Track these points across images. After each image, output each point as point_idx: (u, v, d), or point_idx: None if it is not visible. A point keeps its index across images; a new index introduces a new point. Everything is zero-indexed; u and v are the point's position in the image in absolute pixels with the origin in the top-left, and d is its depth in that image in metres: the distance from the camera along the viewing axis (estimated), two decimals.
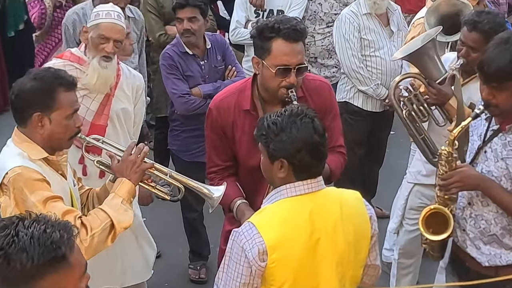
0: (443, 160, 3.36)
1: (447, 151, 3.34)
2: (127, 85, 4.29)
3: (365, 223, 2.86)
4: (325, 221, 2.76)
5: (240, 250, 2.71)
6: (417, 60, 4.12)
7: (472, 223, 3.40)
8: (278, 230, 2.72)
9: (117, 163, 3.30)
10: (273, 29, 3.35)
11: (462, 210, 3.44)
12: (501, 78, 3.10)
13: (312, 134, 2.77)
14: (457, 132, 3.32)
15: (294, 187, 2.78)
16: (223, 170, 3.65)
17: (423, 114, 4.13)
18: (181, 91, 5.06)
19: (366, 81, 5.58)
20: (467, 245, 3.42)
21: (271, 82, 3.41)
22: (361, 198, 2.90)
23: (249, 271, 2.70)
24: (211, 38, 5.23)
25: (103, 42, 4.07)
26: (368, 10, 5.54)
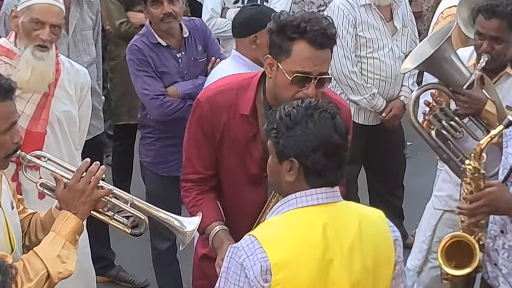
0: (468, 178, 3.42)
1: (473, 166, 3.39)
2: (69, 82, 4.27)
3: (388, 247, 2.88)
4: (341, 240, 2.78)
5: (239, 269, 2.73)
6: (435, 68, 4.13)
7: (505, 255, 3.44)
8: (286, 246, 2.74)
9: (63, 188, 3.24)
10: (298, 29, 3.32)
11: (494, 240, 3.48)
12: None
13: (332, 132, 2.79)
14: (485, 142, 3.37)
15: (306, 196, 2.80)
16: (203, 181, 3.63)
17: (456, 130, 4.07)
18: (154, 92, 5.04)
19: (359, 90, 5.54)
20: (500, 282, 3.47)
21: (285, 91, 3.38)
22: (384, 217, 2.93)
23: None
24: (188, 25, 5.25)
25: (37, 28, 4.03)
26: (368, 1, 5.50)
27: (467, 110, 4.05)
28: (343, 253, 2.77)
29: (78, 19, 5.42)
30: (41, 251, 3.10)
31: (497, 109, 4.02)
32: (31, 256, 3.09)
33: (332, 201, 2.81)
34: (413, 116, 4.09)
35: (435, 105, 4.09)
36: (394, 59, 5.56)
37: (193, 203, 3.61)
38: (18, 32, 4.12)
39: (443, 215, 4.46)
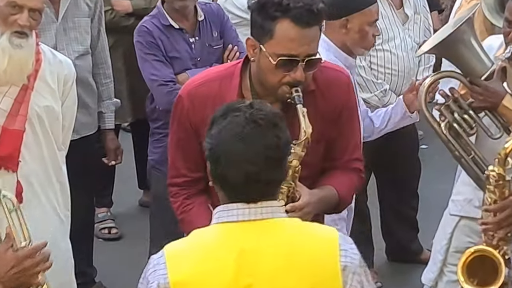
0: (491, 185, 3.39)
1: (497, 172, 3.37)
2: (51, 74, 4.16)
3: (332, 275, 2.73)
4: (261, 264, 2.69)
5: (146, 282, 2.73)
6: (451, 52, 4.07)
7: None
8: (192, 265, 2.70)
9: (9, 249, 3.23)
10: (280, 6, 3.31)
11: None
12: None
13: (235, 141, 2.71)
14: (510, 146, 3.36)
15: (227, 210, 2.74)
16: (190, 184, 3.60)
17: (469, 125, 4.00)
18: (163, 78, 5.06)
19: (369, 86, 5.52)
20: None
21: (270, 76, 3.40)
22: (335, 239, 2.76)
23: None
24: (204, 8, 5.26)
25: (14, 12, 3.93)
26: None
27: (481, 103, 3.95)
28: (263, 278, 2.69)
29: (70, 4, 5.33)
30: None
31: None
32: None
33: (257, 218, 2.72)
34: (424, 105, 4.03)
35: (450, 95, 4.02)
36: (406, 50, 5.52)
37: (182, 209, 3.62)
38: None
39: (460, 221, 4.34)
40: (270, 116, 2.76)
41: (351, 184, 3.65)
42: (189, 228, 3.35)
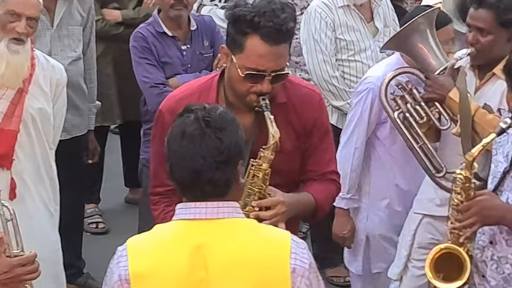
0: (458, 187, 3.33)
1: (464, 175, 3.31)
2: (44, 78, 4.14)
3: (279, 278, 2.71)
4: (215, 259, 2.68)
5: (109, 273, 2.73)
6: (405, 46, 4.11)
7: (493, 267, 3.39)
8: (150, 258, 2.69)
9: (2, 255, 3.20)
10: (252, 23, 3.29)
11: (482, 251, 3.42)
12: None
13: (179, 140, 2.72)
14: (476, 151, 3.28)
15: (185, 208, 2.74)
16: (171, 193, 3.47)
17: (420, 115, 4.07)
18: (155, 80, 5.04)
19: (341, 95, 5.44)
20: None
21: (239, 85, 3.39)
22: (286, 242, 2.75)
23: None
24: (197, 19, 5.26)
25: (12, 20, 3.92)
26: (346, 2, 5.37)
27: (430, 95, 4.07)
28: (216, 273, 2.68)
29: (65, 13, 5.30)
30: None
31: (460, 98, 3.96)
32: None
33: (213, 217, 2.72)
34: (383, 97, 4.12)
35: (407, 88, 4.11)
36: (377, 61, 5.39)
37: (163, 215, 3.55)
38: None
39: (423, 219, 4.38)
40: (217, 119, 2.75)
41: (328, 192, 3.62)
42: None
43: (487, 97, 4.04)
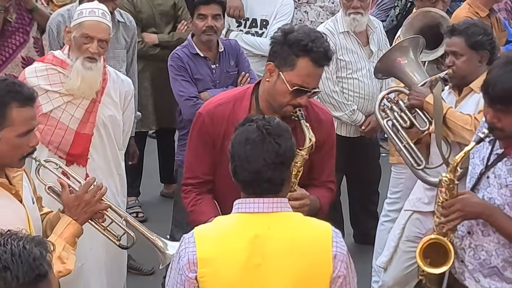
0: (443, 188, 3.34)
1: (448, 178, 3.32)
2: (114, 90, 4.25)
3: (324, 261, 2.75)
4: (270, 248, 2.70)
5: (177, 257, 2.74)
6: (391, 68, 4.21)
7: (471, 254, 3.38)
8: (214, 244, 2.72)
9: (69, 194, 3.20)
10: (306, 47, 3.32)
11: (461, 240, 3.41)
12: (508, 100, 3.09)
13: (244, 145, 2.74)
14: (459, 158, 3.30)
15: (245, 203, 2.76)
16: (202, 185, 3.59)
17: (404, 120, 4.17)
18: (189, 94, 5.05)
19: (340, 106, 5.49)
20: (466, 277, 3.40)
21: (282, 97, 3.40)
22: (329, 233, 2.79)
23: (181, 279, 2.71)
24: (224, 42, 5.27)
25: (86, 42, 4.03)
26: (346, 28, 5.47)
27: (411, 101, 4.16)
28: (270, 260, 2.69)
29: (112, 39, 5.29)
30: None
31: (434, 101, 4.07)
32: None
33: (268, 211, 2.74)
34: (378, 112, 4.18)
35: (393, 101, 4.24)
36: (371, 79, 5.52)
37: (193, 202, 3.59)
38: (71, 45, 4.09)
39: (412, 215, 4.43)
40: (275, 127, 2.79)
41: (328, 197, 3.68)
42: (198, 217, 3.42)
43: (466, 109, 4.13)
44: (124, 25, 5.49)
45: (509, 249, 3.29)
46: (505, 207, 3.25)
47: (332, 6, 6.20)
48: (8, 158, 2.95)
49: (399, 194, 5.25)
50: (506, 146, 3.27)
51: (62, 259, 3.05)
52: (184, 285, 2.71)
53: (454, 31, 4.11)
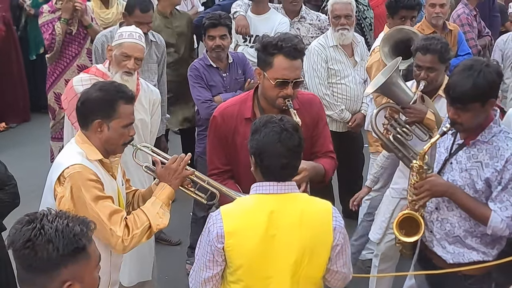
0: (414, 172, 3.33)
1: (418, 164, 3.31)
2: (145, 98, 4.22)
3: (326, 233, 2.74)
4: (283, 222, 2.69)
5: (207, 231, 2.72)
6: (387, 91, 4.07)
7: (438, 225, 3.37)
8: (238, 220, 2.71)
9: (161, 168, 3.26)
10: (276, 46, 3.29)
11: (430, 214, 3.40)
12: (465, 100, 3.08)
13: (275, 143, 2.71)
14: (427, 147, 3.29)
15: (262, 186, 2.75)
16: (223, 173, 3.57)
17: (407, 134, 4.00)
18: (205, 98, 5.01)
19: (331, 107, 5.40)
20: (434, 244, 3.39)
21: (271, 92, 3.36)
22: (329, 209, 2.78)
23: (210, 249, 2.70)
24: (233, 55, 5.23)
25: (125, 60, 4.02)
26: (335, 43, 5.39)
27: (413, 119, 3.99)
28: (283, 231, 2.69)
29: (146, 55, 5.26)
30: (146, 209, 3.11)
31: (435, 117, 3.96)
32: (139, 212, 3.10)
33: (282, 192, 2.72)
34: (375, 127, 4.00)
35: (391, 118, 4.05)
36: (356, 83, 5.49)
37: None
38: (111, 61, 4.08)
39: (399, 201, 4.35)
40: (294, 125, 2.80)
41: (331, 163, 3.64)
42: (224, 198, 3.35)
43: (442, 113, 3.98)
44: (155, 44, 5.43)
45: (469, 221, 3.28)
46: (465, 187, 3.24)
47: (319, 23, 6.14)
48: (114, 144, 3.12)
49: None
50: (465, 137, 3.27)
51: (159, 215, 3.15)
52: (213, 254, 2.71)
53: (429, 50, 3.94)
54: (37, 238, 1.94)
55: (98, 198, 2.99)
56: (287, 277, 2.71)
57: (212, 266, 2.74)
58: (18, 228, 1.97)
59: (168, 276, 5.16)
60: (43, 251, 1.93)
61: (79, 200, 2.96)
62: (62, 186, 3.00)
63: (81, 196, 2.96)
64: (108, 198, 3.05)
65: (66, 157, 3.08)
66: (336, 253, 2.77)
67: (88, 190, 2.97)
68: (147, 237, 3.14)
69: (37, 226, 1.95)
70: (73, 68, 6.24)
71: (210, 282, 2.77)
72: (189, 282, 2.87)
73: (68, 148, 3.17)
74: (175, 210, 5.90)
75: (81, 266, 2.00)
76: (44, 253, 1.93)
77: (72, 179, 2.98)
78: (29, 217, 2.00)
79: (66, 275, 1.97)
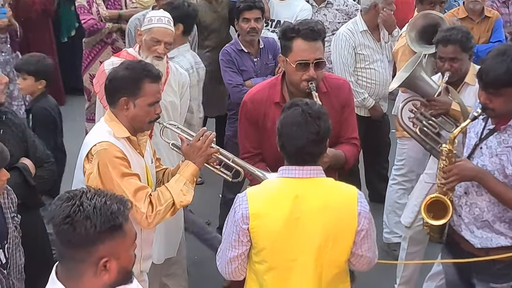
0: (443, 156, 3.29)
1: (448, 148, 3.27)
2: (174, 81, 4.21)
3: (351, 217, 2.71)
4: (307, 205, 2.67)
5: (233, 212, 2.73)
6: (411, 85, 4.02)
7: (467, 210, 3.33)
8: (263, 203, 2.69)
9: (187, 146, 3.26)
10: (294, 30, 3.31)
11: (459, 198, 3.36)
12: (498, 85, 3.04)
13: (292, 125, 2.68)
14: (457, 132, 3.26)
15: (288, 170, 2.72)
16: (254, 156, 3.57)
17: (434, 126, 3.94)
18: (236, 82, 4.99)
19: (354, 94, 5.33)
20: (462, 229, 3.35)
21: (294, 76, 3.35)
22: (354, 194, 2.74)
23: (236, 229, 2.70)
24: (264, 40, 5.19)
25: (155, 45, 4.00)
26: (364, 28, 5.34)
27: (439, 111, 3.95)
28: (307, 215, 2.66)
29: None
30: (170, 186, 3.12)
31: (460, 107, 3.90)
32: (163, 189, 3.11)
33: (307, 176, 2.69)
34: (401, 121, 3.97)
35: (417, 110, 3.98)
36: (384, 68, 5.45)
37: None
38: (141, 45, 4.06)
39: (433, 186, 4.18)
40: (316, 111, 2.74)
41: (353, 151, 3.59)
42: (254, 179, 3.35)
43: (468, 102, 3.95)
44: None
45: (498, 206, 3.23)
46: (495, 172, 3.19)
47: (346, 8, 6.08)
48: (141, 122, 3.12)
49: (403, 162, 5.17)
50: (496, 122, 3.23)
51: (183, 192, 3.14)
52: (239, 234, 2.71)
53: (449, 41, 3.90)
54: (76, 215, 1.96)
55: (124, 175, 3.01)
56: (311, 260, 2.69)
57: (238, 245, 2.74)
58: (58, 204, 2.00)
59: (197, 256, 5.17)
60: (81, 227, 1.95)
61: (105, 177, 2.98)
62: (90, 163, 3.03)
63: (107, 172, 2.99)
64: (134, 175, 3.06)
65: (94, 135, 3.11)
66: (361, 238, 2.74)
67: (115, 167, 2.99)
68: (171, 214, 3.15)
69: (76, 203, 1.98)
70: (108, 51, 6.29)
71: (235, 261, 2.78)
72: (216, 260, 2.88)
73: (97, 126, 3.19)
74: (204, 191, 6.02)
75: (118, 243, 2.02)
76: (82, 229, 1.95)
77: (99, 156, 3.01)
78: (69, 194, 2.03)
79: (103, 251, 2.00)
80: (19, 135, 3.44)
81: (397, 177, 5.25)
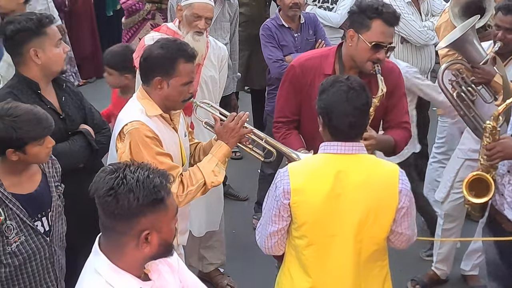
0: (487, 133, 3.22)
1: (492, 125, 3.20)
2: (213, 55, 4.19)
3: (392, 195, 2.66)
4: (349, 182, 2.63)
5: (274, 187, 2.70)
6: (460, 47, 3.90)
7: (510, 188, 3.24)
8: (304, 178, 2.66)
9: (220, 126, 3.23)
10: (377, 10, 3.25)
11: (502, 177, 3.27)
12: None
13: (342, 102, 2.63)
14: (502, 108, 3.18)
15: (330, 146, 2.69)
16: (290, 123, 3.53)
17: (472, 94, 3.84)
18: (276, 57, 4.96)
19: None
20: (505, 208, 3.26)
21: (363, 54, 3.29)
22: (396, 172, 2.69)
23: (277, 204, 2.68)
24: (305, 15, 5.15)
25: (196, 20, 3.97)
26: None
27: (480, 80, 3.82)
28: (348, 191, 2.63)
29: (219, 13, 5.24)
30: (202, 166, 3.11)
31: (503, 81, 3.77)
32: (195, 169, 3.10)
33: (349, 152, 2.65)
34: (441, 82, 3.87)
35: (459, 74, 3.88)
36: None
37: (283, 136, 3.53)
38: (181, 21, 4.03)
39: (464, 162, 4.23)
40: (361, 85, 2.72)
41: (403, 135, 3.53)
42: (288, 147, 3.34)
43: (510, 73, 3.82)
44: (228, 3, 5.34)
45: None
46: None
47: None
48: (174, 101, 3.09)
49: (444, 140, 5.08)
50: None
51: (215, 173, 3.13)
52: (280, 209, 2.69)
53: (510, 10, 3.72)
54: (119, 187, 1.96)
55: (155, 155, 3.00)
56: (350, 236, 2.66)
57: (278, 220, 2.72)
58: (102, 176, 2.01)
59: (236, 230, 5.17)
60: (124, 200, 1.95)
61: (137, 156, 2.97)
62: (122, 142, 3.04)
63: (139, 152, 2.99)
64: (165, 155, 3.05)
65: (126, 113, 3.11)
66: (401, 215, 2.70)
67: (146, 146, 2.99)
68: (201, 193, 3.14)
69: (119, 176, 1.98)
70: (147, 27, 6.28)
71: (275, 236, 2.76)
72: (256, 235, 2.87)
73: (129, 104, 3.17)
74: (243, 167, 6.03)
75: (160, 216, 2.01)
76: (125, 201, 1.95)
77: (130, 135, 3.00)
78: (113, 166, 2.03)
79: (145, 224, 2.00)
80: (78, 103, 3.46)
81: (438, 155, 5.15)
